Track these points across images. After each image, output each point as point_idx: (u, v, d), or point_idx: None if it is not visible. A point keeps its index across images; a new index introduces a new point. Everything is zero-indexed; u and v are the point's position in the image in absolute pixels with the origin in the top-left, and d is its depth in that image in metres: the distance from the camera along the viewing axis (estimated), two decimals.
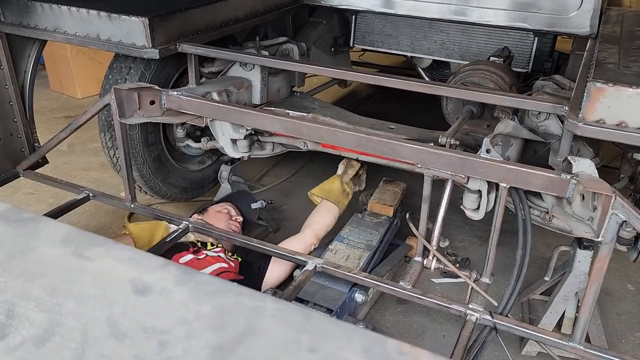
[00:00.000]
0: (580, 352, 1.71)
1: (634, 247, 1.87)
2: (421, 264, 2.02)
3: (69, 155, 3.87)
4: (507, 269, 2.50)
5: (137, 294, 0.62)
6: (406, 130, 2.52)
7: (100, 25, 2.32)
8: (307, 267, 2.02)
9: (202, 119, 2.38)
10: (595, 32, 2.65)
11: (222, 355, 0.55)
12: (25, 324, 0.58)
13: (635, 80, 1.60)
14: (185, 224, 2.29)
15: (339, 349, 0.56)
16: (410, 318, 2.48)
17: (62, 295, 0.62)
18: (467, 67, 2.56)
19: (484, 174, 1.76)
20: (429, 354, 0.56)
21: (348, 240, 2.53)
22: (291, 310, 0.61)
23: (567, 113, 1.72)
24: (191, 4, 2.49)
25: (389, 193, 2.81)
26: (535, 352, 2.27)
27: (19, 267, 0.66)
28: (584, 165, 1.64)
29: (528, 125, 2.17)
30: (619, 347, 2.33)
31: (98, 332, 0.58)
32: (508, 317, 1.84)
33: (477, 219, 1.97)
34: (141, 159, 2.68)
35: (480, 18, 3.01)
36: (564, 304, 2.16)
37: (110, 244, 0.70)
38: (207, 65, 2.71)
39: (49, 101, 4.94)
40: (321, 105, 2.89)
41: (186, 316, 0.59)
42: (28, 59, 2.58)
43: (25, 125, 2.60)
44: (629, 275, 2.78)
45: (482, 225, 2.70)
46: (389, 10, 3.24)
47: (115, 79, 2.61)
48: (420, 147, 1.84)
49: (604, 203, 1.51)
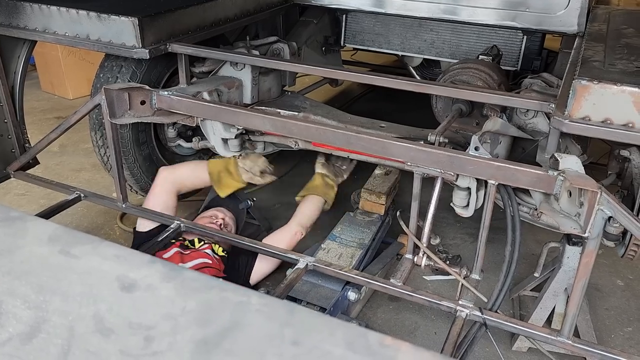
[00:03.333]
0: (569, 347, 1.74)
1: (621, 243, 1.90)
2: (412, 261, 2.04)
3: (60, 156, 3.86)
4: (497, 266, 2.52)
5: (123, 291, 0.63)
6: (396, 128, 2.54)
7: (89, 26, 2.31)
8: (298, 266, 2.03)
9: (193, 118, 2.38)
10: (582, 31, 2.67)
11: (207, 349, 0.56)
12: (12, 320, 0.59)
13: (620, 77, 1.62)
14: (177, 224, 2.30)
15: (322, 342, 0.57)
16: (402, 315, 2.49)
17: (49, 293, 0.63)
18: (456, 65, 2.58)
19: (472, 172, 1.78)
20: (410, 346, 0.57)
21: (340, 238, 2.55)
22: (275, 305, 0.62)
23: (554, 110, 1.74)
24: (181, 3, 2.49)
25: (378, 188, 2.80)
26: (526, 347, 2.29)
27: (6, 265, 0.66)
28: (571, 162, 1.66)
29: (516, 123, 2.19)
30: (609, 342, 2.35)
31: (84, 329, 0.58)
32: (498, 313, 1.86)
33: (466, 216, 1.99)
34: (132, 158, 2.68)
35: (470, 17, 3.03)
36: (553, 300, 2.18)
37: (96, 242, 0.71)
38: (197, 65, 2.71)
39: (40, 102, 4.92)
40: (312, 104, 2.90)
41: (172, 312, 0.60)
42: (18, 60, 2.57)
43: (15, 126, 2.60)
44: (618, 271, 2.81)
45: (473, 222, 2.71)
46: (379, 10, 3.26)
47: (106, 78, 2.61)
48: (410, 145, 1.85)
49: (590, 199, 1.53)
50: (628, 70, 1.75)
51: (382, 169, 2.86)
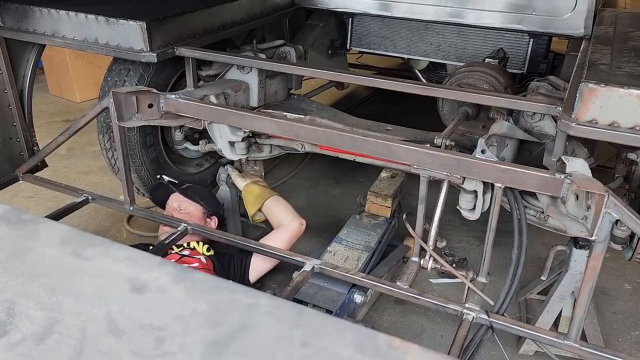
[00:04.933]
0: (576, 350, 1.73)
1: (628, 246, 1.89)
2: (418, 264, 2.04)
3: (68, 158, 3.89)
4: (503, 269, 2.52)
5: (135, 292, 0.64)
6: (402, 131, 2.54)
7: (98, 30, 2.33)
8: (305, 268, 2.03)
9: (200, 121, 2.39)
10: (589, 33, 2.67)
11: (217, 350, 0.56)
12: (25, 321, 0.60)
13: (627, 80, 1.62)
14: (183, 226, 2.31)
15: (331, 344, 0.58)
16: (408, 318, 2.49)
17: (61, 294, 0.63)
18: (462, 68, 2.58)
19: (479, 175, 1.78)
20: (419, 348, 0.58)
21: (346, 241, 2.55)
22: (285, 307, 0.63)
23: (561, 113, 1.74)
24: (189, 7, 2.51)
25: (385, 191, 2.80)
26: (533, 351, 2.28)
27: (19, 267, 0.67)
28: (578, 165, 1.65)
29: (523, 126, 2.19)
30: (616, 346, 2.34)
31: (96, 329, 0.59)
32: (504, 316, 1.86)
33: (473, 219, 1.99)
34: (139, 161, 2.70)
35: (476, 20, 3.03)
36: (560, 303, 2.18)
37: (108, 244, 0.72)
38: (204, 69, 2.72)
39: (48, 105, 4.95)
40: (318, 107, 2.91)
41: (182, 313, 0.61)
42: (27, 64, 2.59)
43: (24, 129, 2.62)
44: (626, 274, 2.80)
45: (480, 225, 2.71)
46: (385, 13, 3.26)
47: (114, 81, 2.63)
48: (416, 148, 1.85)
49: (597, 202, 1.53)
50: (635, 73, 1.74)
51: (388, 172, 2.87)
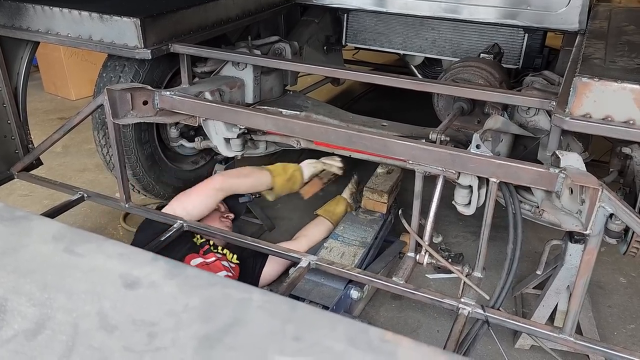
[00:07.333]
0: (571, 344, 1.74)
1: (623, 240, 1.89)
2: (414, 259, 2.04)
3: (63, 156, 3.88)
4: (499, 264, 2.52)
5: (127, 288, 0.64)
6: (398, 127, 2.54)
7: (92, 26, 2.32)
8: (301, 264, 2.03)
9: (196, 118, 2.39)
10: (584, 28, 2.67)
11: (209, 345, 0.56)
12: (18, 318, 0.60)
13: (620, 74, 1.62)
14: (180, 223, 2.30)
15: (324, 338, 0.58)
16: (404, 314, 2.50)
17: (53, 290, 0.63)
18: (457, 64, 2.58)
19: (474, 170, 1.78)
20: (411, 341, 0.58)
21: (343, 237, 2.55)
22: (277, 302, 0.63)
23: (555, 108, 1.74)
24: (183, 4, 2.50)
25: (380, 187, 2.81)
26: (528, 345, 2.29)
27: (11, 264, 0.67)
28: (572, 159, 1.66)
29: (518, 120, 2.19)
30: (611, 339, 2.36)
31: (88, 325, 0.59)
32: (500, 310, 1.86)
33: (468, 214, 1.99)
34: (134, 157, 2.69)
35: (471, 15, 3.03)
36: (556, 297, 2.19)
37: (100, 241, 0.72)
38: (199, 65, 2.72)
39: (43, 103, 4.93)
40: (314, 103, 2.90)
41: (174, 308, 0.61)
42: (21, 61, 2.58)
43: (19, 127, 2.61)
44: (621, 268, 2.81)
45: (476, 221, 2.70)
46: (380, 9, 3.26)
47: (109, 77, 2.62)
48: (412, 143, 1.85)
49: (591, 196, 1.53)
50: (629, 67, 1.75)
51: (384, 168, 2.87)
